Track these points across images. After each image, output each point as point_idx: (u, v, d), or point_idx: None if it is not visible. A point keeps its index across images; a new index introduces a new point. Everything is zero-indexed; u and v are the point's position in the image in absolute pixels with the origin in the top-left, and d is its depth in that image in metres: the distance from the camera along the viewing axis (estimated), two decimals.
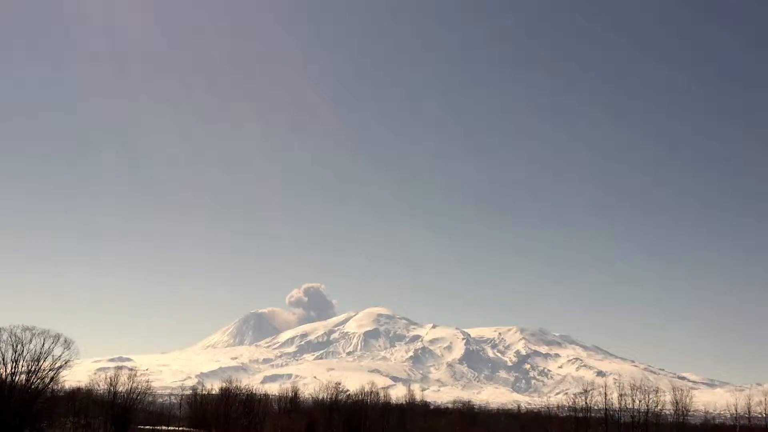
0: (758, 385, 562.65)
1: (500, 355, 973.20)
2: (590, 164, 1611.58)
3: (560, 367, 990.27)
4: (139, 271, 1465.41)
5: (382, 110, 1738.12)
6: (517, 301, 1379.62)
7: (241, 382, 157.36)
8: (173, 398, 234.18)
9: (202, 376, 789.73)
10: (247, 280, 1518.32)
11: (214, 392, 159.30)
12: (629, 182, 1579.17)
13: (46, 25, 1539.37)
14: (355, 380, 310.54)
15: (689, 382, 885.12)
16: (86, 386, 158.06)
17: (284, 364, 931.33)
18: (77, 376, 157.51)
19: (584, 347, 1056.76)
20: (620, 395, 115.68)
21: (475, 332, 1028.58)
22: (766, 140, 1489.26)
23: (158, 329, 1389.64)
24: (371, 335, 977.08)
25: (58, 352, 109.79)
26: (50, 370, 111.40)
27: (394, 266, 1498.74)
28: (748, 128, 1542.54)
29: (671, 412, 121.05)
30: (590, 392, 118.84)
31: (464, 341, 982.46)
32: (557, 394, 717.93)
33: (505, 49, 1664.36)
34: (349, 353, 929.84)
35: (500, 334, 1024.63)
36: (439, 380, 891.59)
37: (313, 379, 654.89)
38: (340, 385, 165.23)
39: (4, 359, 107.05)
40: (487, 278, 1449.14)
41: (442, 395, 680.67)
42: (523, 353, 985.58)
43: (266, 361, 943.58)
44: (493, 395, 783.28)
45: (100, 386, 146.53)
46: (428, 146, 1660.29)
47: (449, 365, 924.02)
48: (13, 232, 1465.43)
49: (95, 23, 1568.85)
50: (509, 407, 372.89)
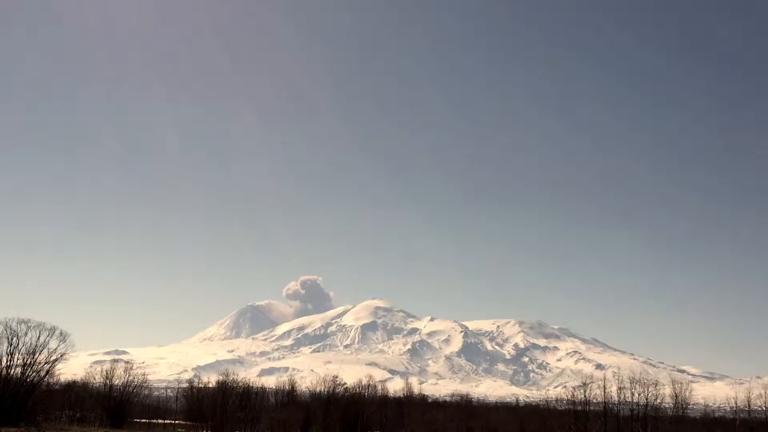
0: (758, 378, 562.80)
1: (498, 348, 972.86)
2: (589, 156, 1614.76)
3: (559, 360, 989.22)
4: (135, 263, 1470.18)
5: (380, 102, 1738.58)
6: (515, 293, 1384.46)
7: (237, 375, 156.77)
8: (169, 391, 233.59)
9: (198, 369, 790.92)
10: (243, 272, 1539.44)
11: (210, 385, 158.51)
12: (628, 174, 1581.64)
13: (43, 15, 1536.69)
14: (352, 373, 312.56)
15: (689, 375, 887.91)
16: (82, 379, 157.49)
17: (281, 357, 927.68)
18: (73, 369, 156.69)
19: (583, 340, 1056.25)
20: (619, 388, 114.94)
21: (473, 325, 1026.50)
22: (766, 132, 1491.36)
23: (155, 322, 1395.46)
24: (369, 328, 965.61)
25: (53, 345, 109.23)
26: (46, 363, 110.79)
27: (392, 259, 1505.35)
28: (748, 119, 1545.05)
29: (671, 405, 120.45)
30: (589, 385, 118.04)
31: (462, 334, 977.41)
32: (556, 387, 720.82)
33: (504, 39, 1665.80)
34: (346, 346, 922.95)
35: (498, 327, 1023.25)
36: (437, 373, 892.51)
37: (310, 372, 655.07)
38: (337, 378, 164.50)
39: None
40: (485, 271, 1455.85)
41: (440, 388, 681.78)
42: (521, 346, 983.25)
43: (263, 354, 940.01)
44: (491, 388, 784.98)
45: (96, 379, 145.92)
46: (427, 138, 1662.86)
47: (447, 358, 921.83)
48: (9, 224, 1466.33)
49: (92, 15, 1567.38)
50: (508, 400, 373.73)
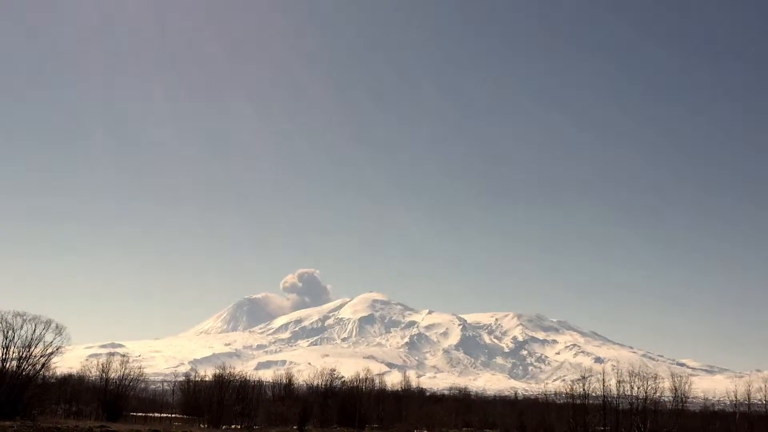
0: (758, 371, 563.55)
1: (497, 341, 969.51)
2: (588, 148, 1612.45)
3: (558, 353, 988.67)
4: (132, 257, 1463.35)
5: (378, 93, 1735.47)
6: (514, 286, 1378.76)
7: (234, 368, 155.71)
8: (166, 385, 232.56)
9: (195, 362, 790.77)
10: (240, 265, 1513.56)
11: (207, 379, 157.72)
12: (628, 167, 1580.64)
13: (42, 5, 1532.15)
14: (349, 367, 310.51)
15: (688, 368, 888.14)
16: (78, 373, 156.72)
17: (278, 350, 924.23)
18: (69, 362, 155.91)
19: (582, 333, 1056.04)
20: (618, 382, 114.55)
21: (471, 318, 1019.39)
22: (766, 124, 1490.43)
23: (151, 315, 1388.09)
24: (366, 321, 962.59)
25: (49, 338, 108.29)
26: (41, 356, 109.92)
27: (389, 251, 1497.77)
28: (748, 112, 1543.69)
29: (670, 398, 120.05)
30: (588, 379, 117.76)
31: (460, 327, 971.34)
32: (555, 380, 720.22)
33: (503, 30, 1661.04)
34: (343, 339, 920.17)
35: (497, 320, 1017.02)
36: (435, 366, 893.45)
37: (307, 365, 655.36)
38: (334, 371, 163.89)
39: None
40: (484, 264, 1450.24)
41: (438, 382, 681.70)
42: (520, 339, 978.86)
43: (260, 347, 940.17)
44: (489, 382, 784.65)
45: (91, 373, 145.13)
46: (425, 130, 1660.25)
47: (445, 351, 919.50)
48: (7, 218, 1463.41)
49: (91, 10, 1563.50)
50: (506, 394, 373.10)
